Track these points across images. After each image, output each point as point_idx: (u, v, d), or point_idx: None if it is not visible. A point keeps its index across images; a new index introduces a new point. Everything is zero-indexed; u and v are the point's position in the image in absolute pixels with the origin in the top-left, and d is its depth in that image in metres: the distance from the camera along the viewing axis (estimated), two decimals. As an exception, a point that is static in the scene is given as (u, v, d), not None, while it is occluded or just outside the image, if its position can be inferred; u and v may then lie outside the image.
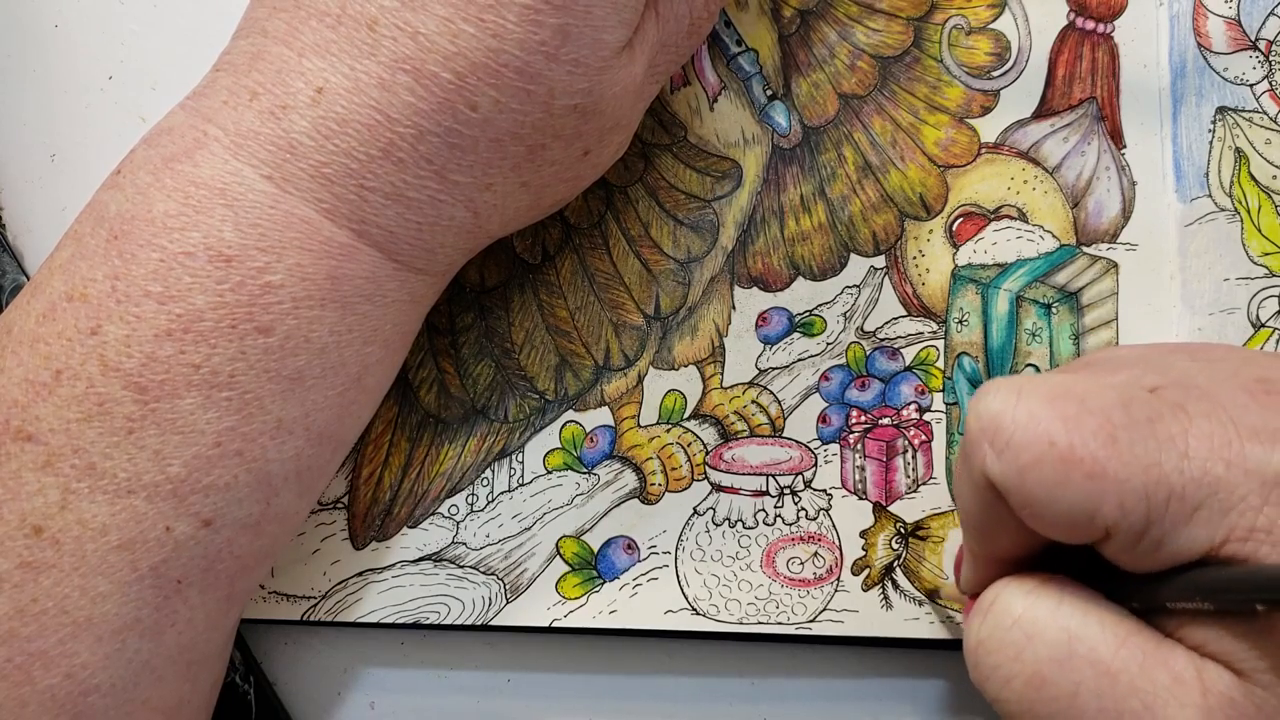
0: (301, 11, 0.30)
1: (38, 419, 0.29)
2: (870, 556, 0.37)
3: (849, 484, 0.37)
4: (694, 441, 0.37)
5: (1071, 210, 0.37)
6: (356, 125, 0.29)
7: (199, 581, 0.30)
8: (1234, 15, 0.37)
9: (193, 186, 0.29)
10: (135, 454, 0.29)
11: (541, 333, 0.37)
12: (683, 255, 0.38)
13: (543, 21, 0.29)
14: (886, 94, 0.37)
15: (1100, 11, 0.37)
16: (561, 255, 0.38)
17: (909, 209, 0.37)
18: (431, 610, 0.37)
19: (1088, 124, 0.37)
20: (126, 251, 0.29)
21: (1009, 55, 0.37)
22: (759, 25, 0.38)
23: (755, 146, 0.38)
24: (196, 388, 0.29)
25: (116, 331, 0.29)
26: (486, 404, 0.37)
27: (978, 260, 0.37)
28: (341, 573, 0.37)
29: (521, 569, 0.37)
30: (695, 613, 0.36)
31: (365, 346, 0.31)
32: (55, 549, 0.29)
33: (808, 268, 0.37)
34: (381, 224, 0.30)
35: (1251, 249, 0.36)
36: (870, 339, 0.37)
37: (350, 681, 0.38)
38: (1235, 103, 0.37)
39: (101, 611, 0.29)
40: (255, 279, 0.29)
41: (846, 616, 0.36)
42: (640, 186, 0.38)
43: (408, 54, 0.29)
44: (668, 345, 0.38)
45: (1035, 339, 0.36)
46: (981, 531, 0.29)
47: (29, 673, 0.29)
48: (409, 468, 0.37)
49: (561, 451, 0.37)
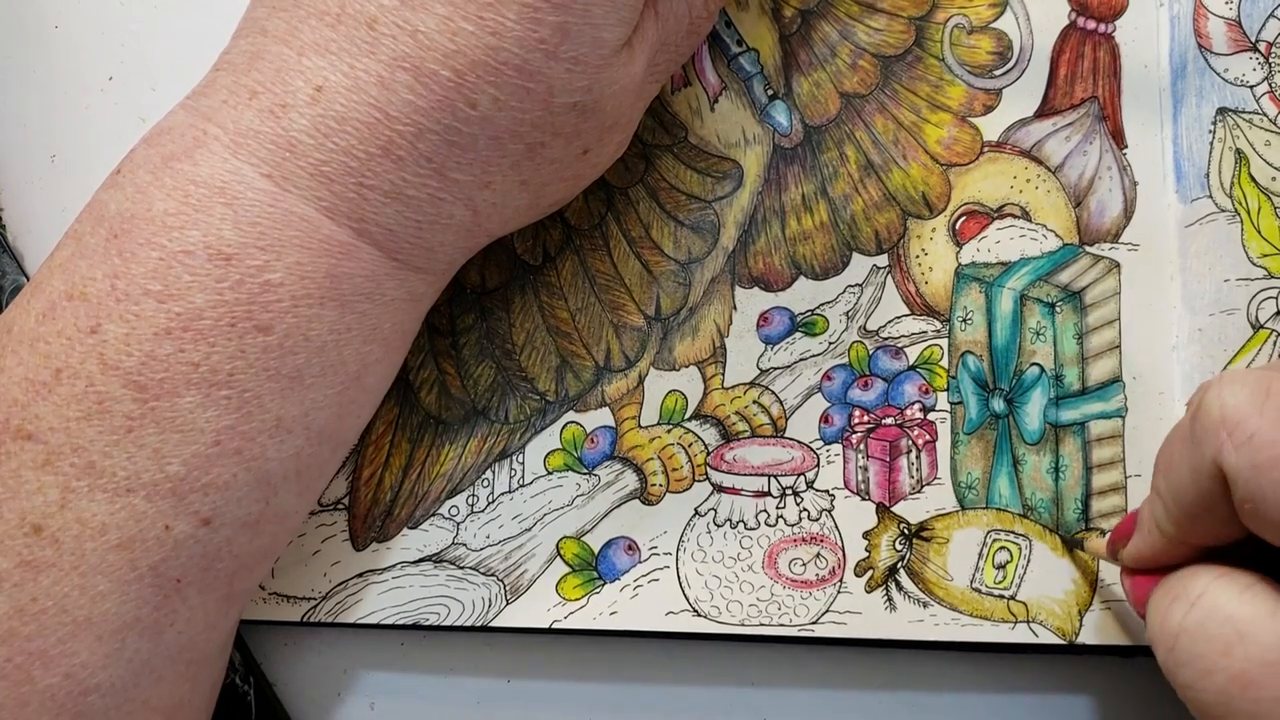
0: (301, 10, 0.30)
1: (37, 418, 0.29)
2: (873, 558, 0.36)
3: (852, 484, 0.37)
4: (695, 442, 0.37)
5: (1074, 210, 0.37)
6: (356, 123, 0.29)
7: (198, 580, 0.30)
8: (1234, 17, 0.37)
9: (192, 185, 0.29)
10: (134, 452, 0.29)
11: (542, 334, 0.37)
12: (683, 256, 0.37)
13: (542, 19, 0.29)
14: (888, 93, 0.37)
15: (1101, 11, 0.37)
16: (562, 256, 0.38)
17: (911, 208, 0.37)
18: (432, 611, 0.37)
19: (1089, 123, 0.37)
20: (126, 250, 0.29)
21: (1011, 54, 0.37)
22: (760, 25, 0.38)
23: (756, 146, 0.37)
24: (196, 386, 0.29)
25: (116, 330, 0.29)
26: (487, 405, 0.37)
27: (981, 259, 0.37)
28: (342, 574, 0.37)
29: (522, 570, 0.37)
30: (696, 614, 0.36)
31: (365, 345, 0.31)
32: (55, 548, 0.29)
33: (809, 267, 0.37)
34: (381, 222, 0.30)
35: (1251, 250, 0.36)
36: (873, 338, 0.37)
37: (350, 682, 0.38)
38: (1236, 104, 0.37)
39: (101, 610, 0.29)
40: (254, 277, 0.29)
41: (849, 618, 0.36)
42: (641, 187, 0.38)
43: (407, 52, 0.29)
44: (669, 346, 0.37)
45: (1039, 338, 0.36)
46: (1188, 515, 0.29)
47: (29, 672, 0.29)
48: (409, 469, 0.37)
49: (562, 452, 0.37)
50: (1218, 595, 0.28)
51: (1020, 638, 0.36)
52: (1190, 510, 0.29)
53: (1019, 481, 0.36)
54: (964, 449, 0.37)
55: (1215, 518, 0.28)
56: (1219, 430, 0.27)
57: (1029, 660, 0.37)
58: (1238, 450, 0.26)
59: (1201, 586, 0.28)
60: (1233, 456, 0.26)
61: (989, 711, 0.37)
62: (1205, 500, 0.28)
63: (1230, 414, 0.27)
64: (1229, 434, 0.27)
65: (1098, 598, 0.36)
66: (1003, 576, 0.36)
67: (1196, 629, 0.28)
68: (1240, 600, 0.27)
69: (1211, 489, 0.28)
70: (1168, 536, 0.30)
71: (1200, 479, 0.28)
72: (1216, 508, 0.28)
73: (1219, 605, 0.28)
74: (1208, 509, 0.28)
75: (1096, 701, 0.37)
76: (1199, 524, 0.29)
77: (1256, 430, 0.26)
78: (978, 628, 0.36)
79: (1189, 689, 0.28)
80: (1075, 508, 0.36)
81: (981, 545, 0.36)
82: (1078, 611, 0.36)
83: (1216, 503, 0.28)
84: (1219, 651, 0.27)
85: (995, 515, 0.36)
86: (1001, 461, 0.36)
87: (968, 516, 0.36)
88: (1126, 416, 0.36)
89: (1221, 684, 0.27)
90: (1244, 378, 0.27)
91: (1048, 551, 0.36)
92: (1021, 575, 0.36)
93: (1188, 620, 0.28)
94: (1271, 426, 0.26)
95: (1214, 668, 0.27)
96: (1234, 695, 0.27)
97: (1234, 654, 0.27)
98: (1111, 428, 0.36)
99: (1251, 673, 0.26)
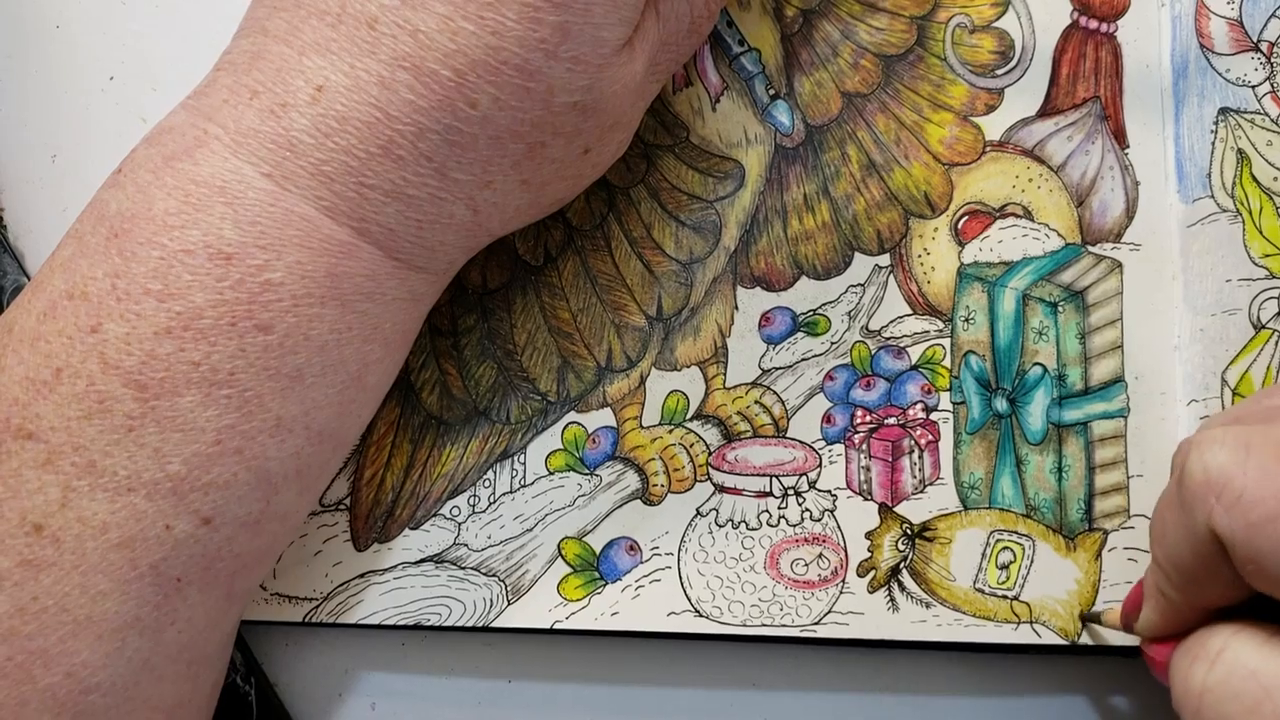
0: (302, 10, 0.30)
1: (38, 417, 0.29)
2: (876, 558, 0.36)
3: (854, 485, 0.37)
4: (697, 442, 0.37)
5: (1076, 209, 0.37)
6: (356, 123, 0.29)
7: (199, 580, 0.30)
8: (1236, 17, 0.37)
9: (193, 184, 0.29)
10: (135, 451, 0.29)
11: (544, 334, 0.37)
12: (685, 256, 0.37)
13: (542, 19, 0.29)
14: (890, 92, 0.37)
15: (1103, 11, 0.37)
16: (564, 257, 0.38)
17: (914, 207, 0.37)
18: (433, 612, 0.36)
19: (1091, 123, 0.37)
20: (127, 249, 0.29)
21: (1013, 54, 0.37)
22: (761, 25, 0.38)
23: (758, 146, 0.37)
24: (196, 385, 0.29)
25: (117, 329, 0.29)
26: (489, 405, 0.37)
27: (983, 258, 0.37)
28: (343, 574, 0.37)
29: (523, 570, 0.37)
30: (698, 615, 0.36)
31: (365, 345, 0.31)
32: (55, 547, 0.29)
33: (811, 267, 0.37)
34: (381, 221, 0.30)
35: (1253, 250, 0.36)
36: (875, 338, 0.37)
37: (351, 683, 0.38)
38: (1237, 104, 0.37)
39: (101, 610, 0.29)
40: (255, 276, 0.29)
41: (851, 619, 0.36)
42: (642, 188, 0.38)
43: (407, 52, 0.29)
44: (670, 346, 0.37)
45: (1042, 337, 0.36)
46: (1191, 580, 0.29)
47: (29, 671, 0.29)
48: (411, 469, 0.37)
49: (563, 453, 0.37)
50: (1239, 650, 0.27)
51: (1023, 638, 0.36)
52: (1192, 576, 0.28)
53: (1022, 481, 0.36)
54: (966, 449, 0.36)
55: (1218, 580, 0.28)
56: (1207, 495, 0.27)
57: (1032, 661, 0.37)
58: (1229, 512, 0.26)
59: (1221, 643, 0.28)
60: (1225, 519, 0.26)
61: (992, 712, 0.37)
62: (1205, 565, 0.28)
63: (1215, 476, 0.26)
64: (1217, 497, 0.26)
65: (1101, 598, 0.35)
66: (1006, 577, 0.36)
67: (1220, 687, 0.27)
68: (1261, 654, 0.27)
69: (1210, 553, 0.27)
70: (1175, 603, 0.30)
71: (1197, 545, 0.27)
72: (1218, 570, 0.27)
73: (1241, 660, 0.27)
74: (1209, 573, 0.28)
75: (1099, 702, 0.37)
76: (1203, 588, 0.29)
77: (1244, 489, 0.26)
78: (981, 628, 0.36)
79: None
80: (1078, 508, 0.36)
81: (984, 545, 0.36)
82: (1081, 612, 0.36)
83: (1217, 565, 0.27)
84: (1247, 709, 0.26)
85: (998, 515, 0.36)
86: (1004, 461, 0.36)
87: (970, 517, 0.36)
88: (1129, 416, 0.36)
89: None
90: (1221, 437, 0.27)
91: (1051, 552, 0.36)
92: (1025, 576, 0.36)
93: (1210, 679, 0.27)
94: (1257, 484, 0.26)
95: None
96: None
97: (1262, 710, 0.26)
98: (1114, 427, 0.36)
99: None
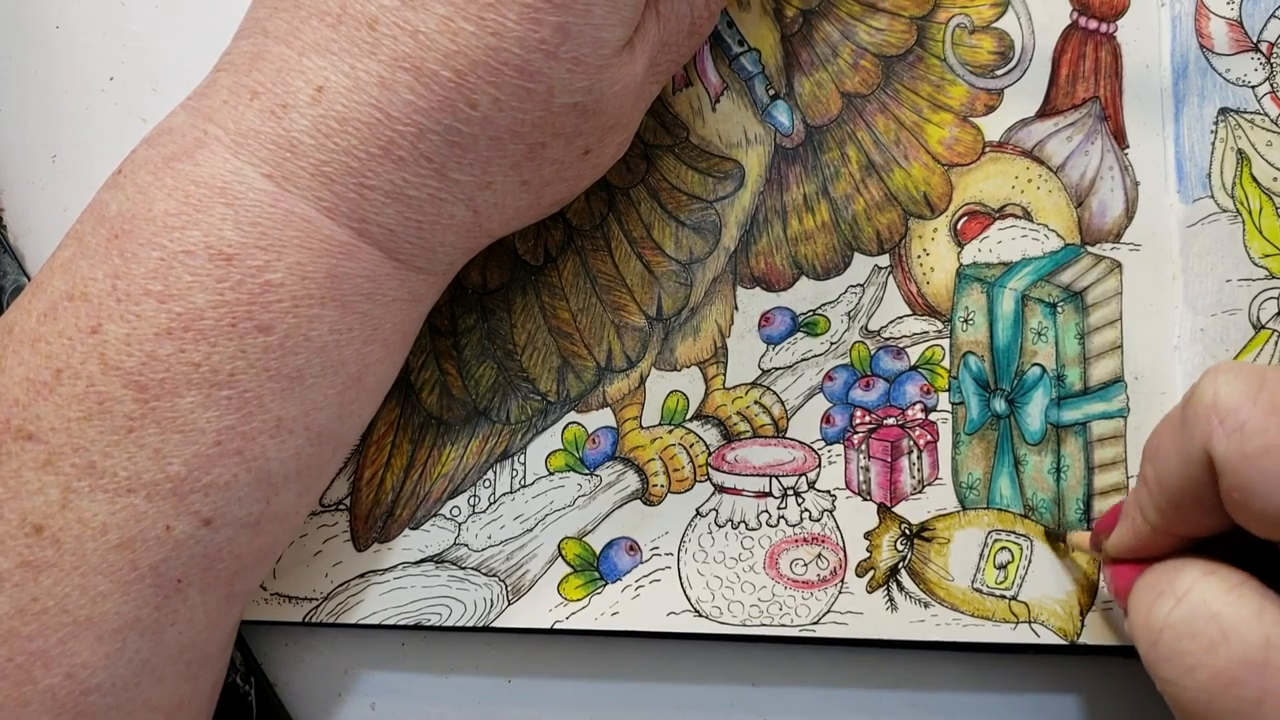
0: (302, 11, 0.30)
1: (38, 418, 0.29)
2: (875, 558, 0.36)
3: (853, 485, 0.37)
4: (696, 442, 0.37)
5: (1076, 210, 0.37)
6: (357, 124, 0.29)
7: (199, 580, 0.30)
8: (1236, 17, 0.37)
9: (193, 185, 0.29)
10: (135, 452, 0.29)
11: (544, 334, 0.37)
12: (685, 256, 0.37)
13: (542, 19, 0.29)
14: (890, 93, 0.37)
15: (1103, 11, 0.37)
16: (564, 257, 0.38)
17: (913, 208, 0.37)
18: (433, 612, 0.37)
19: (1091, 123, 0.37)
20: (127, 250, 0.29)
21: (1012, 54, 0.37)
22: (761, 25, 0.38)
23: (758, 146, 0.37)
24: (196, 386, 0.29)
25: (117, 330, 0.29)
26: (488, 405, 0.37)
27: (983, 259, 0.37)
28: (343, 574, 0.37)
29: (523, 570, 0.37)
30: (698, 614, 0.36)
31: (365, 345, 0.31)
32: (55, 548, 0.29)
33: (811, 267, 0.37)
34: (382, 222, 0.30)
35: (1253, 250, 0.36)
36: (874, 338, 0.37)
37: (351, 683, 0.38)
38: (1237, 104, 0.37)
39: (102, 610, 0.29)
40: (255, 277, 0.29)
41: (851, 618, 0.36)
42: (642, 188, 0.38)
43: (408, 52, 0.29)
44: (670, 346, 0.37)
45: (1041, 338, 0.36)
46: (1174, 503, 0.29)
47: (30, 672, 0.29)
48: (411, 469, 0.37)
49: (563, 453, 0.37)
50: (1204, 593, 0.28)
51: (1022, 638, 0.36)
52: (1176, 498, 0.29)
53: (1020, 482, 0.36)
54: (965, 449, 0.37)
55: (1201, 507, 0.28)
56: (1211, 417, 0.27)
57: (1030, 660, 0.37)
58: (1228, 438, 0.26)
59: (1188, 583, 0.28)
60: (1223, 444, 0.27)
61: (990, 712, 0.37)
62: (1192, 488, 0.28)
63: (1223, 402, 0.27)
64: (1220, 421, 0.27)
65: (1099, 598, 0.36)
66: (1004, 577, 0.36)
67: (1181, 625, 0.28)
68: (1226, 599, 0.27)
69: (1199, 476, 0.28)
70: (1152, 525, 0.30)
71: (1189, 466, 0.28)
72: (1203, 496, 0.28)
73: (1205, 603, 0.28)
74: (1194, 497, 0.28)
75: (1097, 702, 0.37)
76: (1185, 513, 0.29)
77: (1248, 419, 0.26)
78: (979, 628, 0.36)
79: (1170, 684, 0.28)
80: (1077, 508, 0.36)
81: (983, 545, 0.36)
82: (1079, 611, 0.36)
83: (1203, 491, 0.28)
84: (1203, 649, 0.27)
85: (996, 515, 0.36)
86: (1003, 462, 0.36)
87: (969, 517, 0.36)
88: (1128, 417, 0.36)
89: (1203, 681, 0.27)
90: (1240, 369, 0.27)
91: (1049, 552, 0.36)
92: (1023, 575, 0.36)
93: (1173, 616, 0.28)
94: (1263, 416, 0.26)
95: (1197, 665, 0.27)
96: (1215, 693, 0.27)
97: (1218, 653, 0.27)
98: (1113, 428, 0.36)
99: (1234, 672, 0.26)
